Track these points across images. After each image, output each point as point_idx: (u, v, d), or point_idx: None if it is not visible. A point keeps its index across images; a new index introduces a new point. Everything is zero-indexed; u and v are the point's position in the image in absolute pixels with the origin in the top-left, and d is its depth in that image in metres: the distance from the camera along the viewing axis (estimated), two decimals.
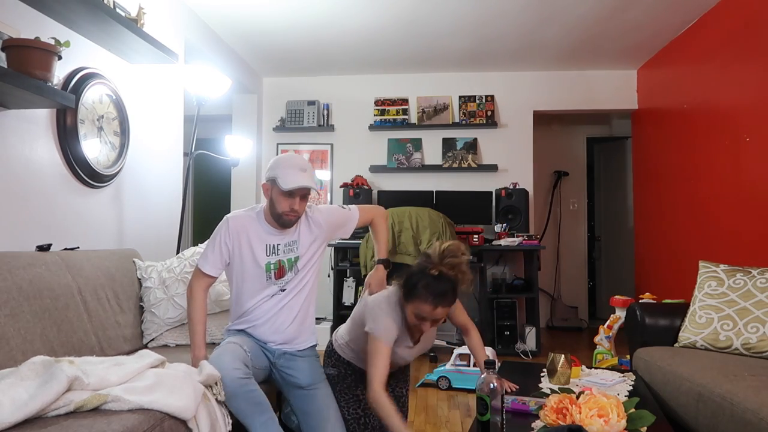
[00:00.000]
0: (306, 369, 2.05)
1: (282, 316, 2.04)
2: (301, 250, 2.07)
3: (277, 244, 2.03)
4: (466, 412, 2.83)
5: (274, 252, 2.03)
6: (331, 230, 2.16)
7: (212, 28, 3.94)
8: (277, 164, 1.99)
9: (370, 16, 3.74)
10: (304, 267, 2.09)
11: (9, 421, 1.25)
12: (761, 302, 2.26)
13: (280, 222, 2.00)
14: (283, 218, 1.98)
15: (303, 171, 1.95)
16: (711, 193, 3.56)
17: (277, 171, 1.95)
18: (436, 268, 1.78)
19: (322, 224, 2.13)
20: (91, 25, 2.30)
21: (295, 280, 2.07)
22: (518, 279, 4.52)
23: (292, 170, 1.94)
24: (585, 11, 3.65)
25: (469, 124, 4.90)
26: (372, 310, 1.89)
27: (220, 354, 1.83)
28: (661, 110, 4.39)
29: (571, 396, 1.55)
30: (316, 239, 2.11)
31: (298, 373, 2.03)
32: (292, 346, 2.07)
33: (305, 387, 2.02)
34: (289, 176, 1.93)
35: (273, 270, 2.03)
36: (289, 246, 2.06)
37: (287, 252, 2.05)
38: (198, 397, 1.59)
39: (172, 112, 3.30)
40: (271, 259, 2.02)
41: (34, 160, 2.19)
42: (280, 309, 2.04)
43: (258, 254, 2.01)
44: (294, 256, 2.06)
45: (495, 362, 1.78)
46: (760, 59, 3.02)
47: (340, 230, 2.20)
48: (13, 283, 1.72)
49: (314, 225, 2.12)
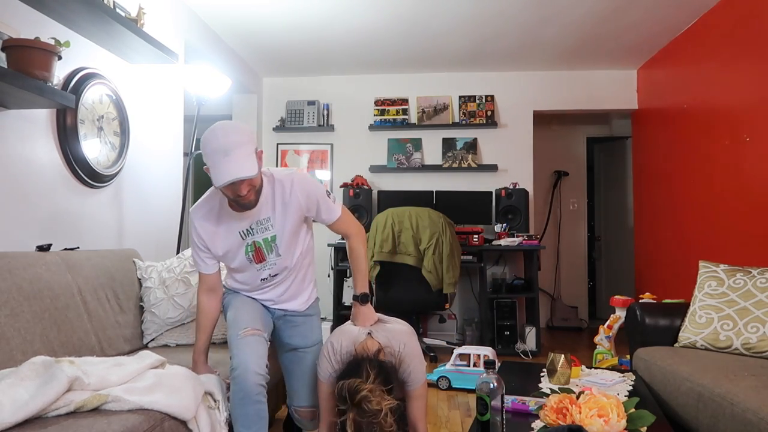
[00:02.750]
0: (302, 332, 2.04)
1: (278, 289, 1.99)
2: (277, 227, 1.88)
3: (250, 227, 1.86)
4: (466, 412, 2.83)
5: (249, 233, 1.87)
6: (307, 209, 1.92)
7: (212, 28, 3.94)
8: (202, 148, 1.70)
9: (370, 16, 3.74)
10: (287, 250, 1.92)
11: (9, 421, 1.25)
12: (761, 302, 2.26)
13: (239, 205, 1.79)
14: (240, 202, 1.76)
15: (225, 155, 1.63)
16: (711, 193, 3.56)
17: (206, 158, 1.69)
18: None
19: (299, 198, 1.88)
20: (91, 25, 2.30)
21: (285, 263, 1.93)
22: (518, 279, 4.52)
23: (216, 158, 1.64)
24: (585, 11, 3.65)
25: (469, 124, 4.90)
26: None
27: (244, 347, 1.75)
28: (661, 110, 4.39)
29: (571, 396, 1.55)
30: (292, 215, 1.88)
31: (294, 335, 2.03)
32: (291, 306, 2.03)
33: (297, 349, 2.03)
34: (214, 168, 1.65)
35: (250, 253, 1.88)
36: (262, 224, 1.87)
37: (261, 231, 1.87)
38: (198, 397, 1.59)
39: (172, 112, 3.30)
40: (248, 241, 1.87)
41: (34, 160, 2.19)
42: (274, 286, 1.99)
43: (233, 241, 1.86)
44: (270, 235, 1.88)
45: (495, 362, 1.78)
46: (760, 59, 3.02)
47: (314, 213, 1.95)
48: (13, 283, 1.72)
49: (290, 197, 1.87)
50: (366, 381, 1.60)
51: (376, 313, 2.00)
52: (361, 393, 1.56)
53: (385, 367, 1.70)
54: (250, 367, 1.70)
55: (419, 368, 1.81)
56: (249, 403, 1.69)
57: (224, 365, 2.00)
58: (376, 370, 1.65)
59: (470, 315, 4.75)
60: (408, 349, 1.80)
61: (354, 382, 1.59)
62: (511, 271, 4.87)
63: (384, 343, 1.80)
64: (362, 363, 1.68)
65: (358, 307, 1.98)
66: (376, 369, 1.65)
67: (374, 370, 1.64)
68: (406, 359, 1.78)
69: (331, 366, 1.80)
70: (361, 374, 1.63)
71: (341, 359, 1.79)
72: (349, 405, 1.58)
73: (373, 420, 1.56)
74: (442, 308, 4.00)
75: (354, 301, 2.00)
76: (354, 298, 2.01)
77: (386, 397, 1.59)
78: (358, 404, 1.57)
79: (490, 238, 4.40)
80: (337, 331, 1.91)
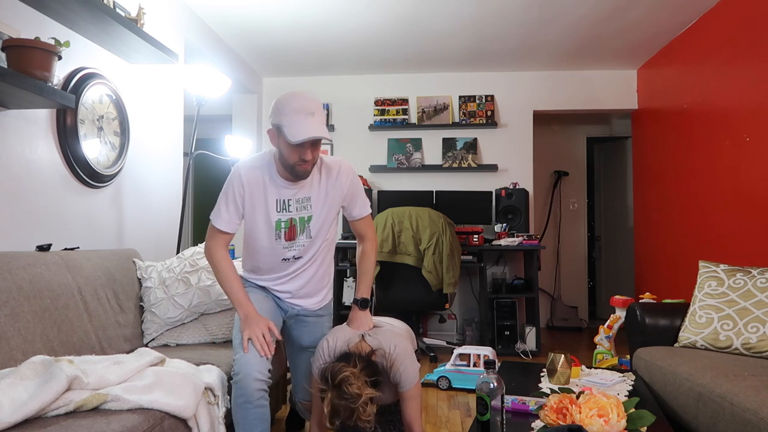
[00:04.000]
0: (312, 332, 2.07)
1: (298, 282, 1.99)
2: (315, 209, 1.89)
3: (288, 200, 1.86)
4: (466, 412, 2.83)
5: (285, 208, 1.86)
6: (347, 198, 1.95)
7: (212, 28, 3.94)
8: (280, 108, 1.73)
9: (370, 16, 3.74)
10: (318, 234, 1.92)
11: (9, 421, 1.25)
12: (761, 302, 2.26)
13: (293, 173, 1.80)
14: (297, 169, 1.78)
15: (311, 116, 1.71)
16: (711, 193, 3.56)
17: (282, 118, 1.72)
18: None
19: (341, 188, 1.91)
20: (91, 25, 2.30)
21: (311, 249, 1.94)
22: (518, 279, 4.52)
23: (297, 117, 1.70)
24: (585, 11, 3.65)
25: (469, 124, 4.90)
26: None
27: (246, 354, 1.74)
28: (661, 110, 4.39)
29: (571, 396, 1.55)
30: (332, 200, 1.91)
31: (304, 335, 2.07)
32: (306, 304, 2.04)
33: (306, 347, 2.06)
34: (295, 125, 1.69)
35: (283, 229, 1.86)
36: (302, 203, 1.87)
37: (299, 209, 1.87)
38: (198, 395, 1.59)
39: (172, 112, 3.30)
40: (282, 217, 1.86)
41: (34, 160, 2.19)
42: (294, 275, 1.97)
43: (270, 210, 1.84)
44: (307, 215, 1.88)
45: (495, 362, 1.78)
46: (760, 59, 3.02)
47: (349, 204, 1.98)
48: (13, 283, 1.72)
49: (333, 182, 1.90)
50: (351, 367, 1.63)
51: (372, 319, 2.02)
52: (342, 374, 1.59)
53: (373, 363, 1.72)
54: (252, 373, 1.71)
55: (411, 369, 1.82)
56: (251, 407, 1.70)
57: (224, 365, 2.00)
58: (364, 363, 1.67)
59: (470, 315, 4.75)
60: (399, 350, 1.81)
61: (338, 364, 1.62)
62: (511, 271, 4.87)
63: (375, 345, 1.82)
64: (352, 355, 1.71)
65: (357, 311, 1.99)
66: (365, 362, 1.68)
67: (362, 362, 1.67)
68: (397, 360, 1.80)
69: (324, 363, 1.83)
70: (349, 362, 1.66)
71: (334, 356, 1.81)
72: (330, 385, 1.61)
73: (351, 404, 1.57)
74: (442, 308, 4.00)
75: (353, 304, 2.01)
76: (354, 302, 2.01)
77: (368, 388, 1.61)
78: (338, 386, 1.59)
79: (490, 238, 4.40)
80: (333, 330, 1.94)
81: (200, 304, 2.40)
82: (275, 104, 1.77)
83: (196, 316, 2.42)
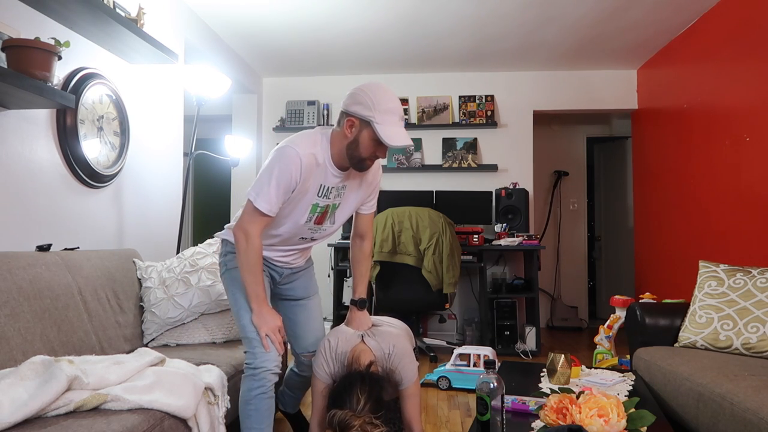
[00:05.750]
0: (303, 284, 2.10)
1: (299, 255, 2.03)
2: (346, 198, 1.89)
3: (331, 187, 1.82)
4: (466, 412, 2.83)
5: (327, 194, 1.83)
6: (372, 190, 1.99)
7: (212, 28, 3.94)
8: (374, 103, 1.68)
9: (370, 16, 3.74)
10: (339, 221, 1.94)
11: (9, 421, 1.25)
12: (761, 302, 2.26)
13: (357, 165, 1.77)
14: (365, 163, 1.77)
15: (402, 120, 1.73)
16: (711, 193, 3.56)
17: (375, 114, 1.67)
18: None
19: (372, 183, 1.95)
20: (91, 25, 2.31)
21: (327, 233, 1.95)
22: (518, 279, 4.52)
23: (392, 118, 1.69)
24: (585, 11, 3.65)
25: (469, 124, 4.90)
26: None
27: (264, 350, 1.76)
28: (661, 110, 4.39)
29: (571, 396, 1.55)
30: (363, 193, 1.94)
31: (296, 288, 2.09)
32: (297, 264, 2.07)
33: (299, 299, 2.09)
34: (389, 128, 1.67)
35: (317, 213, 1.85)
36: (339, 191, 1.86)
37: (335, 197, 1.86)
38: (198, 395, 1.59)
39: (172, 112, 3.30)
40: (320, 202, 1.83)
41: (34, 160, 2.19)
42: (299, 251, 2.00)
43: (312, 191, 1.80)
44: (338, 202, 1.88)
45: (495, 362, 1.78)
46: (760, 59, 3.02)
47: (367, 198, 1.99)
48: (13, 283, 1.72)
49: (370, 175, 1.92)
50: (357, 410, 1.60)
51: (370, 318, 2.04)
52: (352, 429, 1.56)
53: (376, 388, 1.70)
54: (272, 368, 1.76)
55: (410, 367, 1.86)
56: (265, 398, 1.75)
57: (224, 365, 2.00)
58: (367, 394, 1.64)
59: (470, 315, 4.75)
60: (398, 350, 1.85)
61: (346, 414, 1.59)
62: (511, 271, 4.87)
63: (374, 347, 1.86)
64: (354, 384, 1.67)
65: (355, 311, 2.01)
66: (367, 392, 1.65)
67: (364, 394, 1.64)
68: (395, 360, 1.84)
69: (326, 362, 1.86)
70: (353, 399, 1.62)
71: (335, 357, 1.85)
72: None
73: None
74: (442, 308, 4.00)
75: (351, 305, 2.03)
76: (352, 303, 2.03)
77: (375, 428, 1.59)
78: None
79: (490, 238, 4.40)
80: (333, 331, 1.97)
81: (200, 304, 2.40)
82: (363, 95, 1.71)
83: (196, 316, 2.42)
